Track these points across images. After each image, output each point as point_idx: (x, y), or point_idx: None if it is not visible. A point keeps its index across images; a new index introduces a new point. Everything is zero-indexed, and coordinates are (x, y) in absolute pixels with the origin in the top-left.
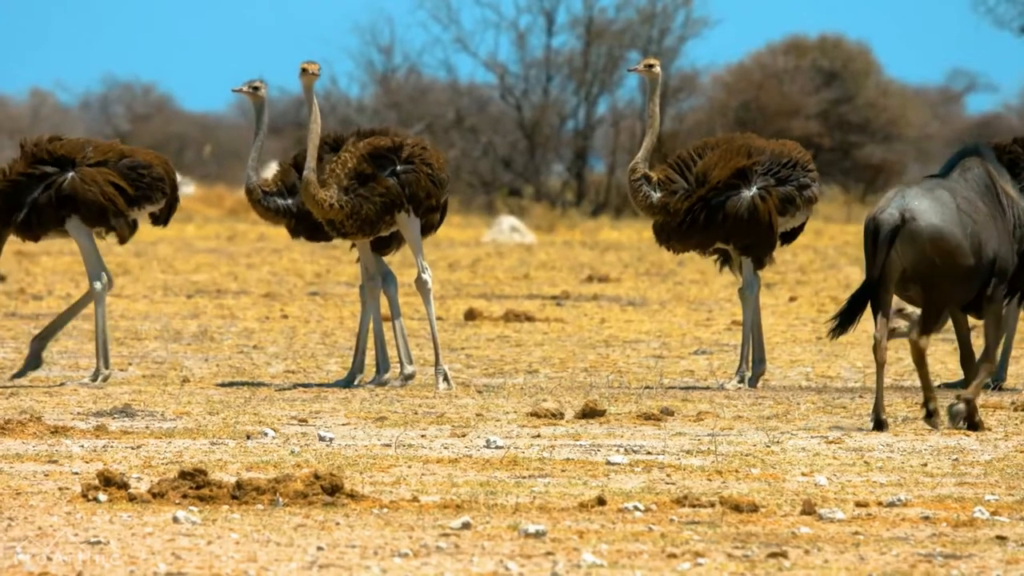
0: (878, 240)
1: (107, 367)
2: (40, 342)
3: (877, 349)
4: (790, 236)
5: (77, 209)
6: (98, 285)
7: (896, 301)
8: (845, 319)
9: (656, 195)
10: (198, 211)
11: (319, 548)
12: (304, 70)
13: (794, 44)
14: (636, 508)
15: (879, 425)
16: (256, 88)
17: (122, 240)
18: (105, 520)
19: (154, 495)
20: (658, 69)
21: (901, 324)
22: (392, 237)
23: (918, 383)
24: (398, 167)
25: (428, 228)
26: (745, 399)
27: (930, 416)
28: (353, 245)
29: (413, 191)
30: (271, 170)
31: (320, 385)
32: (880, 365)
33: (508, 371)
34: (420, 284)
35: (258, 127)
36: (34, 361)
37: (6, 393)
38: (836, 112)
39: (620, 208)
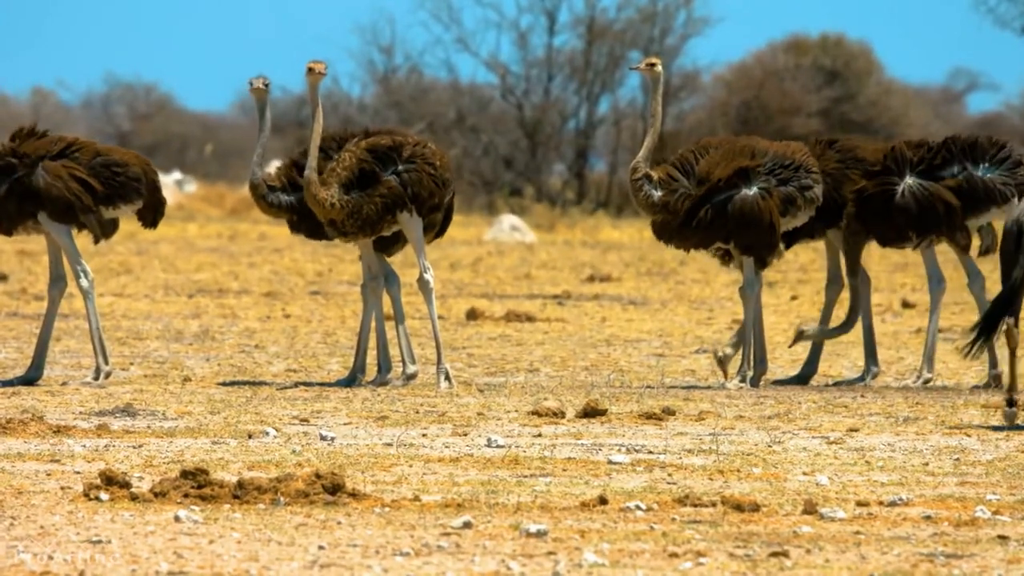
0: (1022, 243)
1: (107, 363)
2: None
3: (1010, 335)
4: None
5: (43, 205)
6: (84, 282)
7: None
8: (987, 327)
9: (657, 194)
10: (199, 210)
11: (320, 547)
12: (311, 69)
13: (795, 43)
14: (638, 507)
15: (1011, 404)
16: (266, 85)
17: (96, 239)
18: (107, 519)
19: (156, 494)
20: (660, 68)
21: (808, 328)
22: (396, 237)
23: (919, 384)
24: (400, 166)
25: (431, 228)
26: (747, 398)
27: None
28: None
29: (416, 191)
30: (272, 168)
31: (322, 384)
32: (1013, 350)
33: (509, 370)
34: (422, 284)
35: (262, 124)
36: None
37: (8, 393)
38: (837, 111)
39: (621, 207)
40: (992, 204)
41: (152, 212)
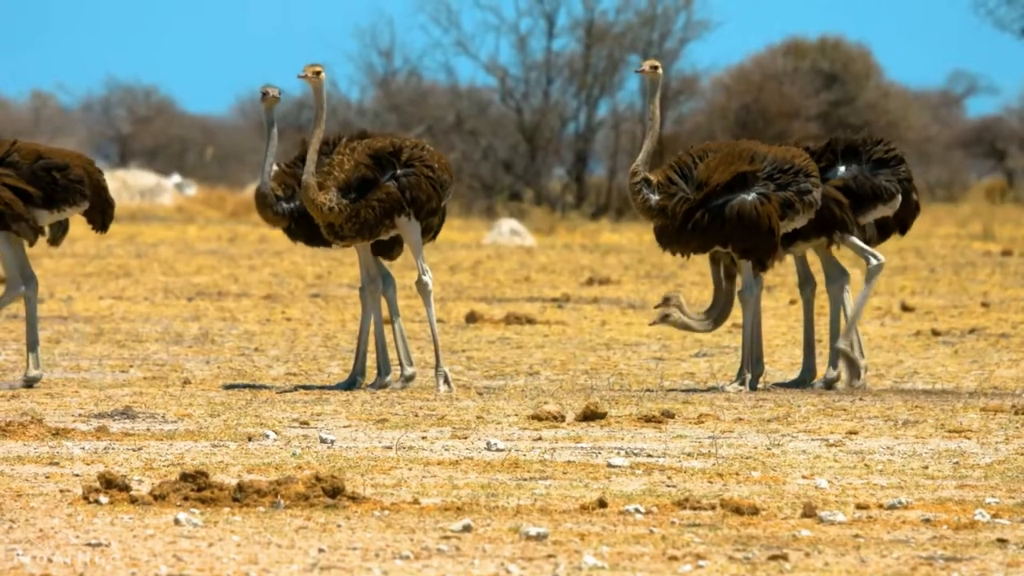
0: None
1: (37, 367)
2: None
3: None
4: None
5: None
6: (21, 289)
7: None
8: None
9: (655, 198)
10: (199, 213)
11: (320, 550)
12: (316, 72)
13: (794, 46)
14: (637, 510)
15: None
16: (279, 94)
17: (51, 242)
18: (106, 522)
19: (155, 497)
20: (660, 71)
21: (674, 312)
22: (395, 241)
23: (919, 386)
24: (399, 171)
25: (427, 231)
26: (746, 401)
27: None
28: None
29: (414, 195)
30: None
31: (321, 387)
32: None
33: (509, 373)
34: (420, 286)
35: (270, 132)
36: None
37: (7, 395)
38: (836, 114)
39: (621, 211)
40: (879, 202)
41: (100, 215)
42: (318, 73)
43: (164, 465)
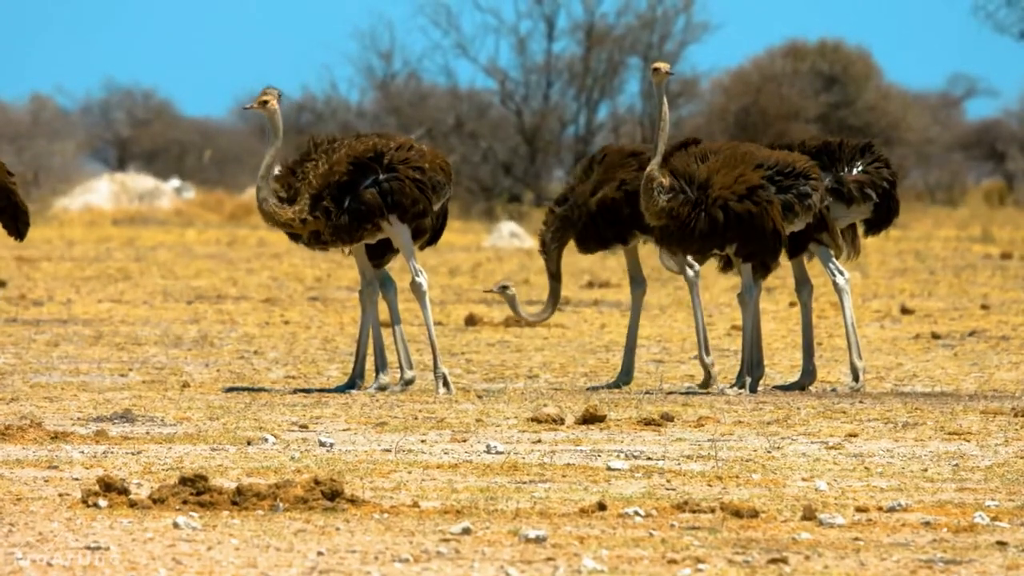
0: None
1: None
2: None
3: None
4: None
5: None
6: None
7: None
8: None
9: (664, 199)
10: (198, 216)
11: (319, 553)
12: (272, 94)
13: (794, 48)
14: (637, 513)
15: None
16: (266, 101)
17: None
18: (105, 526)
19: (154, 501)
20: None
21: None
22: (387, 247)
23: (918, 388)
24: (381, 175)
25: (419, 233)
26: (745, 404)
27: None
28: (349, 252)
29: (397, 199)
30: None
31: (320, 390)
32: None
33: (508, 376)
34: (415, 288)
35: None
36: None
37: (7, 398)
38: (836, 116)
39: None
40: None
41: (13, 220)
42: (265, 103)
43: (163, 469)
